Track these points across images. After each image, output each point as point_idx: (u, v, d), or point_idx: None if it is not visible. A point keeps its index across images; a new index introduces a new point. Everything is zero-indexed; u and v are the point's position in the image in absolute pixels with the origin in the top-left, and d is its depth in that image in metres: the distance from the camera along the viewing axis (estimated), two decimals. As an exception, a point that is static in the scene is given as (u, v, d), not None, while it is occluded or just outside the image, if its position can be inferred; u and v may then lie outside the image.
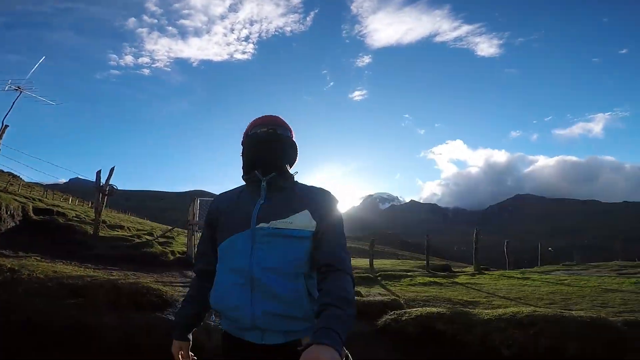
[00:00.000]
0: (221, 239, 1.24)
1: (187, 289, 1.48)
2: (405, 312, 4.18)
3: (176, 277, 9.36)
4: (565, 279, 8.46)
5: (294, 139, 1.34)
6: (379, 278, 8.54)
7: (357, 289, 5.96)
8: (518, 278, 8.98)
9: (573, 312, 3.64)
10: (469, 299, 5.78)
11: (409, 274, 9.45)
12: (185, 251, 11.75)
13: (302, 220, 1.16)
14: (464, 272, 11.46)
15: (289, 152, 1.29)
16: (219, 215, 1.28)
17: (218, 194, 1.43)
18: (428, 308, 4.29)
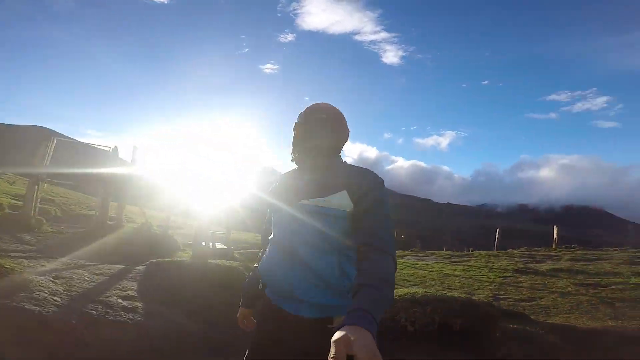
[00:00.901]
0: (272, 215, 1.40)
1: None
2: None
3: (8, 241, 7.27)
4: (417, 264, 10.29)
5: (334, 120, 1.36)
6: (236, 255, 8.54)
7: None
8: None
9: (454, 293, 4.47)
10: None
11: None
12: (23, 205, 9.27)
13: (340, 200, 1.21)
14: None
15: (323, 133, 1.32)
16: (273, 194, 1.39)
17: (69, 137, 1.22)
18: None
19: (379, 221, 1.15)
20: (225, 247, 8.45)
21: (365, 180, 1.23)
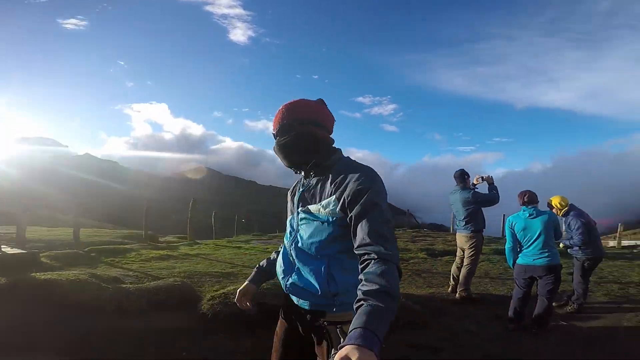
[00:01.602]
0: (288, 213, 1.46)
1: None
2: (223, 294, 3.63)
3: None
4: (267, 247, 10.46)
5: (315, 118, 1.33)
6: (93, 255, 6.63)
7: (66, 272, 4.37)
8: (232, 247, 9.88)
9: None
10: (223, 270, 5.80)
11: (127, 247, 8.03)
12: None
13: (328, 206, 1.22)
14: (179, 243, 11.21)
15: (305, 146, 1.30)
16: (289, 198, 1.47)
17: None
18: (234, 285, 3.94)
19: (377, 227, 1.09)
20: (23, 251, 5.96)
21: (354, 182, 1.17)
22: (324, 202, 1.23)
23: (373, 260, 1.03)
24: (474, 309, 4.57)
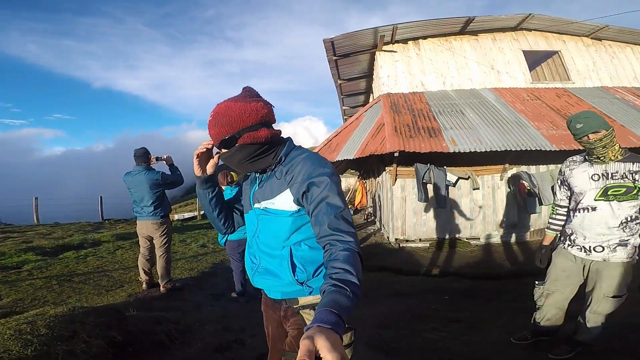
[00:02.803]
0: (244, 208, 1.44)
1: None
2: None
3: None
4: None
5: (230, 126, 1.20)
6: None
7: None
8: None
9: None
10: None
11: None
12: None
13: (283, 200, 1.23)
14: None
15: (253, 155, 1.24)
16: (244, 185, 1.44)
17: None
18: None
19: (336, 215, 1.10)
20: None
21: (307, 173, 1.17)
22: (278, 197, 1.23)
23: (336, 248, 1.04)
24: (191, 296, 4.26)
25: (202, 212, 13.21)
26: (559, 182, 2.40)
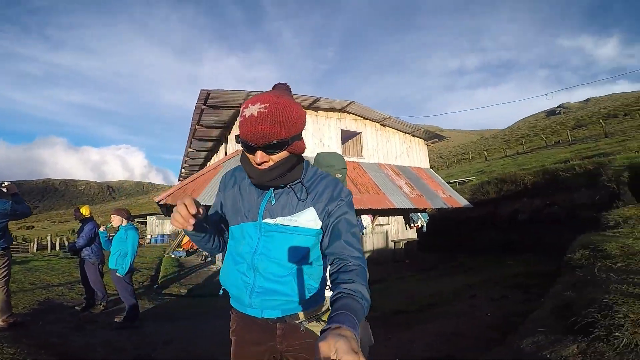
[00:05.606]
0: (232, 221, 1.29)
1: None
2: None
3: None
4: None
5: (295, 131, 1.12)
6: None
7: None
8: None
9: None
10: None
11: None
12: None
13: (308, 218, 1.18)
14: None
15: (291, 166, 1.17)
16: (233, 190, 1.29)
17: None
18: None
19: (351, 234, 1.15)
20: None
21: (332, 193, 1.20)
22: (300, 214, 1.18)
23: (346, 261, 1.08)
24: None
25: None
26: None
